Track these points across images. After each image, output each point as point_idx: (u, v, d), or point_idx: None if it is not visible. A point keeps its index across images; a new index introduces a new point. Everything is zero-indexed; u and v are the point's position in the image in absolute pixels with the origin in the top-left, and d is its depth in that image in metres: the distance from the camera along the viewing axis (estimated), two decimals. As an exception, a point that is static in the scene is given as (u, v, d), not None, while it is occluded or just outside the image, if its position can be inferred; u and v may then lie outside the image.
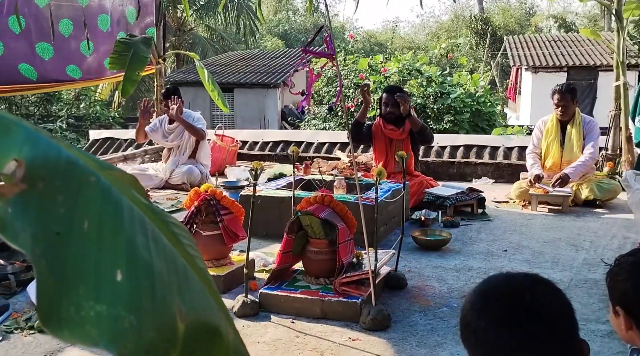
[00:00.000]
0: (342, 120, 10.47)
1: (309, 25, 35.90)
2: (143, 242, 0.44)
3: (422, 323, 2.47)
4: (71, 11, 6.18)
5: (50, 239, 0.39)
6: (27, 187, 0.40)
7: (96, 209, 0.44)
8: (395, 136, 4.78)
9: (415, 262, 3.28)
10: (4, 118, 0.44)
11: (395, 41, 28.79)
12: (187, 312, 0.44)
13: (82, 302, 0.38)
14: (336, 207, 2.77)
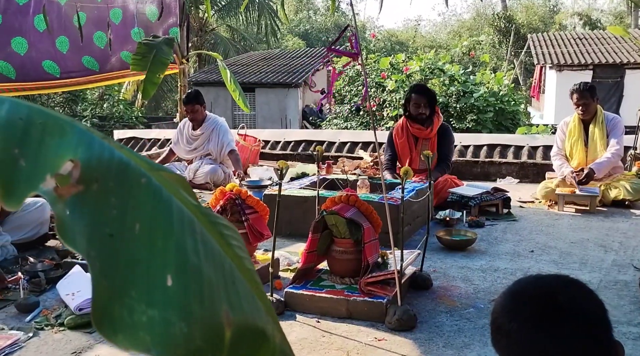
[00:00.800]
0: (363, 119, 10.45)
1: (330, 24, 35.89)
2: (192, 245, 0.44)
3: (449, 323, 2.45)
4: (85, 4, 6.26)
5: (103, 241, 0.39)
6: (83, 189, 0.40)
7: (147, 211, 0.44)
8: (423, 135, 4.75)
9: (440, 262, 3.25)
10: (58, 119, 0.44)
11: (416, 40, 28.63)
12: (234, 317, 0.43)
13: (135, 306, 0.38)
14: (361, 206, 2.76)
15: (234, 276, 0.48)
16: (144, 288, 0.39)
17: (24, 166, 0.38)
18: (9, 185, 0.37)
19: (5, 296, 2.80)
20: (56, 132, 0.43)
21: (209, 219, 0.51)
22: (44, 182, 0.38)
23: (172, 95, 22.09)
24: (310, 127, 15.35)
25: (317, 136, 7.93)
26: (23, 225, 3.60)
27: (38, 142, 0.41)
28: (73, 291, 2.67)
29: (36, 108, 0.45)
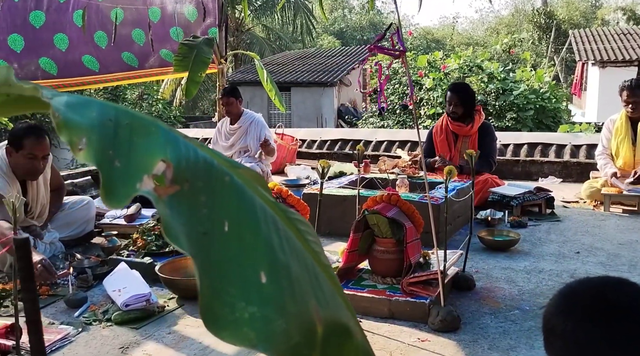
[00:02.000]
0: (400, 118, 10.37)
1: (365, 23, 35.76)
2: (278, 242, 0.44)
3: (493, 325, 2.41)
4: (123, 2, 6.37)
5: (199, 240, 0.40)
6: (179, 188, 0.40)
7: (234, 209, 0.44)
8: (463, 132, 4.68)
9: (482, 263, 3.20)
10: (143, 119, 0.45)
11: (453, 37, 28.28)
12: (322, 313, 0.43)
13: (235, 303, 0.38)
14: (403, 206, 2.74)
15: (316, 272, 0.48)
16: (240, 285, 0.40)
17: (119, 167, 0.39)
18: (108, 185, 0.38)
19: (54, 291, 2.88)
20: (143, 132, 0.43)
21: (286, 215, 0.51)
22: (141, 182, 0.39)
23: (209, 94, 22.38)
24: (346, 126, 15.33)
25: (353, 135, 7.91)
26: (70, 223, 3.70)
27: (128, 143, 0.41)
28: (119, 287, 2.73)
29: (121, 109, 0.46)
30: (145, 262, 3.07)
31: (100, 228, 3.86)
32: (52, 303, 2.76)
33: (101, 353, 2.27)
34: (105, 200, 0.39)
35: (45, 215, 3.58)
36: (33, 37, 5.66)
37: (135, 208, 3.94)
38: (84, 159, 0.39)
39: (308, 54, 21.64)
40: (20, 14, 5.48)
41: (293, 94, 18.02)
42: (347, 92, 18.19)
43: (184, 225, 0.40)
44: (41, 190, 3.49)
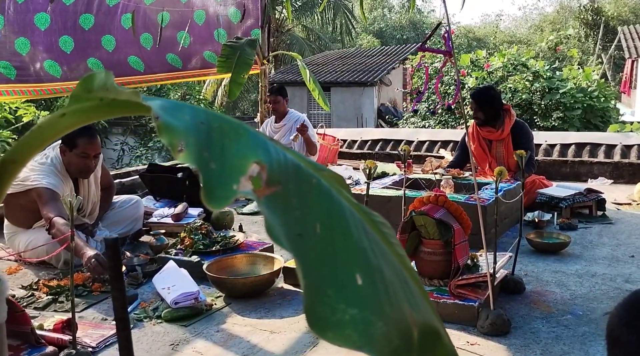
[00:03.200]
0: (441, 118, 10.25)
1: (405, 22, 35.48)
2: (368, 245, 0.44)
3: (545, 330, 2.35)
4: (170, 6, 6.50)
5: (296, 241, 0.40)
6: (275, 190, 0.41)
7: (323, 212, 0.44)
8: (495, 137, 4.58)
9: (531, 266, 3.13)
10: (231, 123, 0.45)
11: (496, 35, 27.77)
12: (416, 316, 0.43)
13: (334, 305, 0.38)
14: (450, 207, 2.71)
15: (404, 275, 0.48)
16: (337, 287, 0.40)
17: (214, 168, 0.39)
18: (208, 187, 0.39)
19: (106, 288, 2.95)
20: (233, 135, 0.44)
21: (370, 217, 0.51)
22: (238, 184, 0.39)
23: (249, 95, 22.61)
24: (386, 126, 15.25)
25: (394, 135, 7.86)
26: (119, 221, 3.79)
27: (220, 145, 0.42)
28: (168, 285, 2.78)
29: (210, 112, 0.46)
30: (192, 260, 3.12)
31: (148, 227, 3.95)
32: (104, 299, 2.83)
33: (153, 350, 2.31)
34: (206, 201, 0.39)
35: (96, 213, 3.68)
36: (82, 38, 5.85)
37: (182, 207, 4.01)
38: (184, 160, 0.40)
39: (348, 53, 21.61)
40: (70, 17, 5.66)
41: (333, 94, 18.02)
42: (387, 91, 18.09)
43: (282, 226, 0.40)
44: (92, 188, 3.59)
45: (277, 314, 2.62)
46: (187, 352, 2.29)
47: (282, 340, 2.35)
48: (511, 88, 9.03)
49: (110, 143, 14.16)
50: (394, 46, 23.34)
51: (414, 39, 32.23)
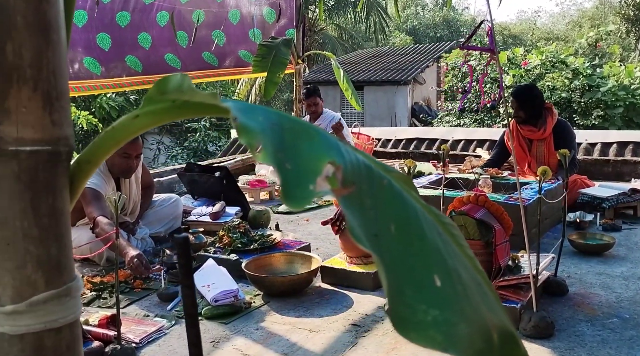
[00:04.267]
0: (477, 116, 10.11)
1: (438, 20, 35.12)
2: (442, 247, 0.44)
3: (590, 333, 2.29)
4: (205, 5, 6.58)
5: (373, 241, 0.40)
6: (351, 190, 0.41)
7: (396, 212, 0.44)
8: (536, 136, 4.49)
9: (574, 267, 3.06)
10: (301, 124, 0.46)
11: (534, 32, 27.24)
12: (493, 319, 0.43)
13: (414, 306, 0.38)
14: (491, 207, 2.67)
15: (477, 277, 0.47)
16: (416, 288, 0.40)
17: (290, 169, 0.39)
18: (285, 187, 0.39)
19: (147, 285, 3.01)
20: (304, 136, 0.44)
21: (439, 218, 0.50)
22: (315, 184, 0.40)
23: (282, 94, 22.73)
24: (420, 125, 15.12)
25: (429, 134, 7.79)
26: (159, 220, 3.86)
27: (293, 146, 0.42)
28: (208, 283, 2.81)
29: (281, 113, 0.47)
30: (231, 258, 3.16)
31: (187, 225, 4.01)
32: (145, 296, 2.89)
33: (194, 346, 2.35)
34: (285, 201, 0.39)
35: (137, 212, 3.76)
36: (119, 35, 5.97)
37: (220, 206, 4.06)
38: (262, 160, 0.40)
39: (381, 52, 21.52)
40: (107, 14, 5.79)
41: (366, 93, 17.98)
42: (421, 90, 17.95)
43: (360, 227, 0.40)
44: (133, 187, 3.66)
45: (316, 313, 2.63)
46: (228, 349, 2.32)
47: (321, 339, 2.36)
48: (549, 86, 8.85)
49: (147, 143, 14.43)
50: (428, 44, 23.14)
51: (448, 36, 31.88)
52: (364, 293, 2.84)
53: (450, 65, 11.15)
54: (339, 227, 3.05)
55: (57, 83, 0.51)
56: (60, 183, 0.53)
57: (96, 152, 0.55)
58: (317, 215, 4.61)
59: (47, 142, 0.51)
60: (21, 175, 0.50)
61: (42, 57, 0.50)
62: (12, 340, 0.51)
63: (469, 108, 10.07)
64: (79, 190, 0.56)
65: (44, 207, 0.52)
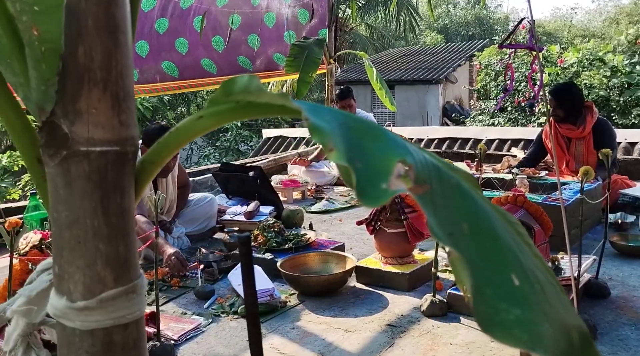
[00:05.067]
0: (511, 115, 9.96)
1: (470, 18, 34.68)
2: (515, 246, 0.44)
3: (634, 337, 2.24)
4: (239, 9, 6.63)
5: (449, 240, 0.40)
6: (426, 189, 0.41)
7: (467, 211, 0.44)
8: (575, 135, 4.39)
9: (616, 270, 2.99)
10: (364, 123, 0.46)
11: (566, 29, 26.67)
12: (570, 320, 0.42)
13: (495, 305, 0.38)
14: (530, 207, 2.62)
15: (549, 277, 0.47)
16: (494, 287, 0.39)
17: (361, 167, 0.40)
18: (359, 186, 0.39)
19: (184, 283, 3.05)
20: (369, 136, 0.44)
21: (506, 217, 0.50)
22: (387, 182, 0.40)
23: (312, 94, 22.77)
24: (452, 124, 14.97)
25: (462, 133, 7.69)
26: (195, 219, 3.91)
27: (360, 145, 0.42)
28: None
29: (344, 113, 0.47)
30: (266, 257, 3.18)
31: (221, 224, 4.05)
32: (182, 294, 2.93)
33: (231, 344, 2.37)
34: (360, 199, 0.40)
35: (173, 211, 3.81)
36: (157, 42, 6.07)
37: (254, 205, 4.09)
38: (335, 159, 0.40)
39: (412, 51, 21.38)
40: (148, 22, 5.89)
41: (397, 92, 17.87)
42: (453, 89, 17.76)
43: (437, 225, 0.40)
44: (170, 187, 3.72)
45: (351, 313, 2.62)
46: (264, 348, 2.31)
47: (357, 339, 2.36)
48: (587, 84, 8.66)
49: (181, 143, 14.62)
50: (460, 43, 22.87)
51: (480, 35, 31.46)
52: (399, 294, 2.82)
53: (484, 64, 11.01)
54: (374, 227, 3.04)
55: (125, 84, 0.53)
56: (127, 182, 0.54)
57: (160, 153, 0.56)
58: (349, 215, 4.61)
59: (116, 142, 0.52)
60: (91, 175, 0.52)
61: (111, 58, 0.51)
62: (83, 335, 0.52)
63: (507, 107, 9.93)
64: (142, 189, 0.57)
65: (112, 206, 0.53)
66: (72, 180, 0.52)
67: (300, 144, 8.95)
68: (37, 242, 2.17)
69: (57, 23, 0.47)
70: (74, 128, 0.51)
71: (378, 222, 3.02)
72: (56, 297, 0.53)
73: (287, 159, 6.96)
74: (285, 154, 7.17)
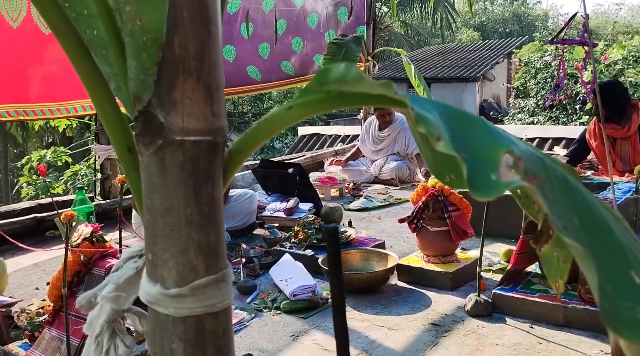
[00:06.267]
0: (552, 113, 9.75)
1: (508, 15, 34.09)
2: (627, 243, 0.42)
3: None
4: (286, 12, 6.65)
5: (564, 233, 0.39)
6: (539, 181, 0.40)
7: (576, 204, 0.43)
8: (620, 135, 4.27)
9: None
10: (464, 114, 0.45)
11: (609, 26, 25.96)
12: None
13: (618, 302, 0.37)
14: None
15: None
16: (614, 284, 0.38)
17: (467, 159, 0.39)
18: (470, 178, 0.39)
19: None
20: (470, 126, 0.44)
21: (611, 212, 0.49)
22: (497, 173, 0.39)
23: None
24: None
25: (502, 132, 7.56)
26: (235, 214, 3.94)
27: (462, 136, 0.42)
28: (286, 277, 2.85)
29: (443, 103, 0.47)
30: (307, 254, 3.19)
31: (261, 220, 4.07)
32: (225, 288, 2.96)
33: (274, 339, 2.39)
34: (471, 191, 0.39)
35: (215, 206, 3.86)
36: None
37: (294, 202, 4.11)
38: (443, 149, 0.40)
39: (449, 48, 21.12)
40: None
41: (433, 90, 17.68)
42: (490, 87, 17.49)
43: (555, 218, 0.39)
44: (212, 183, 3.76)
45: (394, 311, 2.61)
46: (307, 343, 2.34)
47: (400, 338, 2.34)
48: (632, 82, 8.42)
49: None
50: (498, 40, 22.50)
51: (518, 32, 30.89)
52: (442, 293, 2.79)
53: (523, 61, 10.80)
54: (416, 225, 3.02)
55: (216, 75, 0.53)
56: (217, 172, 0.55)
57: (248, 143, 0.57)
58: (388, 212, 4.59)
59: (208, 132, 0.53)
60: (185, 164, 0.52)
61: (204, 49, 0.51)
62: (176, 322, 0.53)
63: (542, 105, 9.71)
64: (229, 179, 0.57)
65: (204, 195, 0.54)
66: (167, 168, 0.52)
67: (335, 142, 8.95)
68: (89, 234, 2.22)
69: (160, 13, 0.48)
70: (169, 118, 0.51)
71: (420, 220, 3.00)
72: (149, 284, 0.54)
73: (323, 156, 6.97)
74: (322, 151, 7.19)
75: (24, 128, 14.83)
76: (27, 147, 16.04)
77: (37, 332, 2.19)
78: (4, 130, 15.26)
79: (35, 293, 2.97)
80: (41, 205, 4.50)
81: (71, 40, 0.54)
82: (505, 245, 3.40)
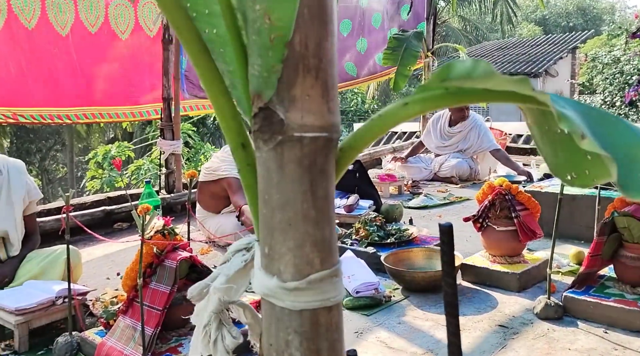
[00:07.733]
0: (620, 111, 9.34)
1: (571, 8, 32.85)
2: None
3: None
4: (351, 11, 6.66)
5: None
6: None
7: None
8: None
9: None
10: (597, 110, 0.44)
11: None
12: None
13: None
14: None
15: None
16: None
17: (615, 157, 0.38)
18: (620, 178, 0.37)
19: (289, 272, 3.12)
20: (606, 123, 0.42)
21: None
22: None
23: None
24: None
25: (567, 129, 7.31)
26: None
27: (601, 133, 0.40)
28: (348, 274, 2.85)
29: (576, 101, 0.45)
30: (368, 251, 3.18)
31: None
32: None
33: (338, 335, 2.39)
34: (622, 191, 0.38)
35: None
36: None
37: (354, 199, 4.10)
38: (589, 148, 0.39)
39: (509, 44, 20.58)
40: None
41: (491, 87, 17.28)
42: (554, 83, 16.92)
43: None
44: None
45: (459, 311, 2.57)
46: (372, 341, 2.34)
47: (467, 338, 2.30)
48: None
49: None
50: (561, 34, 21.73)
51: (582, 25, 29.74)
52: (508, 294, 2.73)
53: (590, 56, 10.40)
54: (482, 224, 2.95)
55: (332, 72, 0.54)
56: (331, 168, 0.55)
57: (362, 138, 0.57)
58: (449, 211, 4.52)
59: (325, 128, 0.54)
60: (303, 160, 0.53)
61: (322, 47, 0.52)
62: (292, 315, 0.54)
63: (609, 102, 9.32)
64: (340, 174, 0.58)
65: (320, 190, 0.54)
66: (285, 164, 0.53)
67: (392, 138, 8.89)
68: (161, 227, 2.29)
69: (290, 12, 0.49)
70: (288, 114, 0.52)
71: (486, 219, 2.94)
72: (266, 277, 0.55)
73: (381, 153, 6.93)
74: (380, 148, 7.15)
75: (88, 124, 15.45)
76: (90, 142, 16.71)
77: (111, 320, 2.28)
78: (70, 126, 15.95)
79: (107, 283, 3.09)
80: (110, 198, 4.67)
81: (191, 37, 0.56)
82: (574, 246, 3.30)
